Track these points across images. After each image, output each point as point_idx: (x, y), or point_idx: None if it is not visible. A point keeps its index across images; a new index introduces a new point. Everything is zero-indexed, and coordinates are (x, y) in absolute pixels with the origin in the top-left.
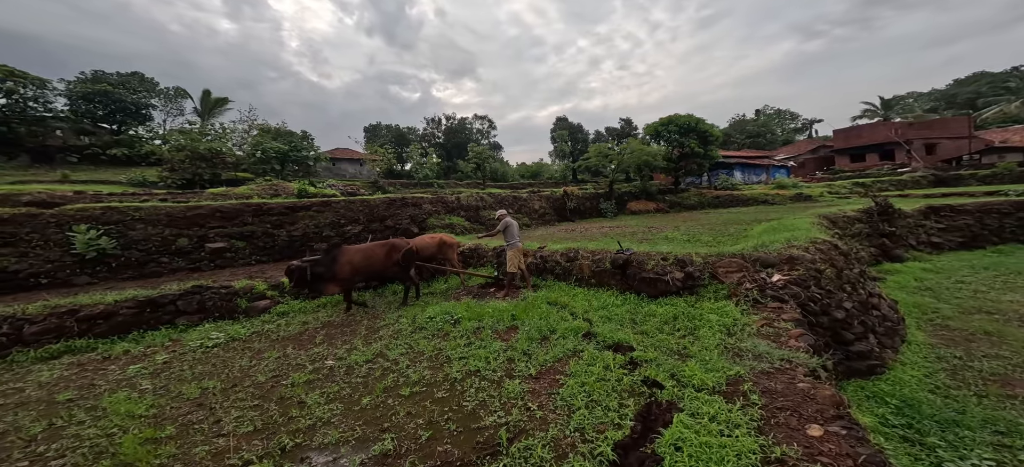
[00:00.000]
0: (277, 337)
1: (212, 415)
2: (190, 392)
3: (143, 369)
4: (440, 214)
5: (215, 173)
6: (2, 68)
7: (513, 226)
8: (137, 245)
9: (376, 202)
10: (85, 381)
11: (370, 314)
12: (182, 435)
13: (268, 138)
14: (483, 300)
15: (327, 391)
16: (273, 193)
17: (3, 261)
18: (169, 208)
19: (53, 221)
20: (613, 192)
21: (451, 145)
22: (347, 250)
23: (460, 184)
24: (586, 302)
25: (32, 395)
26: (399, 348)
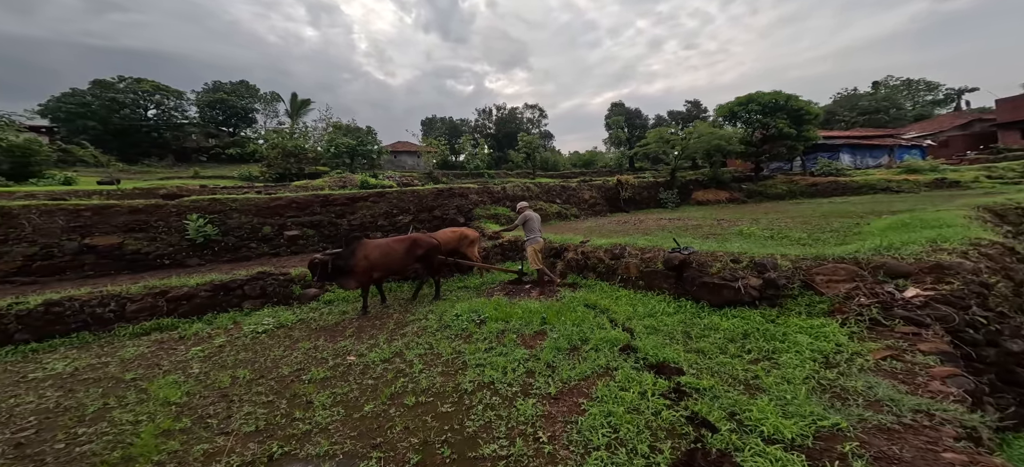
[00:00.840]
0: (315, 327)
1: (228, 409)
2: (222, 381)
3: (200, 352)
4: (486, 204)
5: (300, 167)
6: (152, 84)
7: (533, 220)
8: (233, 232)
9: (425, 193)
10: (154, 360)
11: (403, 308)
12: (193, 429)
13: (340, 134)
14: (514, 298)
15: (337, 392)
16: (341, 185)
17: (137, 244)
18: (257, 200)
19: (174, 211)
20: (675, 180)
21: (502, 135)
22: (366, 244)
23: (510, 174)
24: (630, 307)
25: (110, 371)
26: (419, 348)
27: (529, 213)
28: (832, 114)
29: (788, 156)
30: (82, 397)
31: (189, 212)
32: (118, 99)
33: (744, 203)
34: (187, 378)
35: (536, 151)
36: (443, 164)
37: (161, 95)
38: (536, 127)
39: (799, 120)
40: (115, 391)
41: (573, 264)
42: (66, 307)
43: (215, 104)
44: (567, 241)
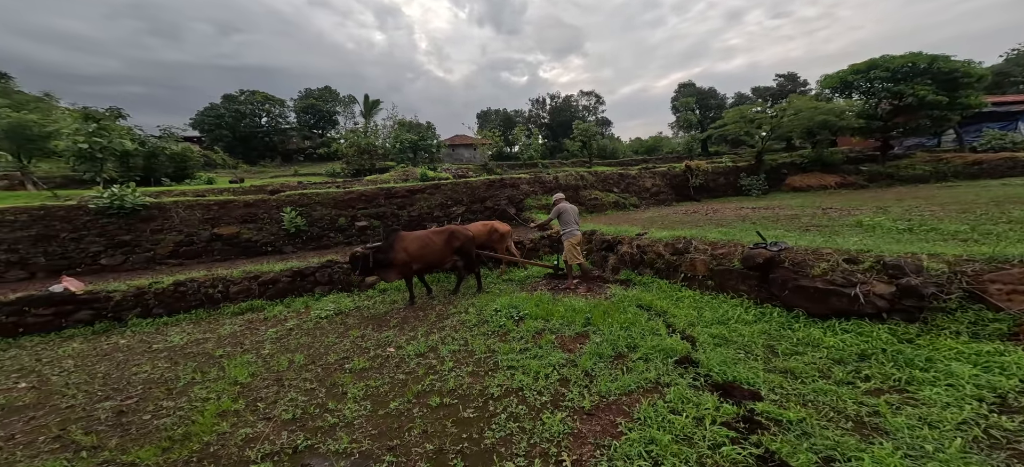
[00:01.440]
0: (366, 314)
1: (277, 394)
2: (282, 364)
3: (273, 334)
4: (537, 194)
5: (372, 163)
6: (263, 94)
7: (568, 212)
8: (317, 223)
9: (477, 184)
10: (240, 339)
11: (446, 300)
12: (244, 412)
13: (404, 131)
14: (558, 294)
15: (370, 385)
16: (404, 178)
17: (249, 233)
18: (334, 194)
19: (274, 205)
20: (762, 164)
21: (556, 124)
22: (404, 237)
23: (565, 163)
24: (693, 311)
25: (206, 347)
26: (453, 343)
27: (564, 205)
28: (1004, 75)
29: (933, 129)
30: (180, 370)
31: (284, 206)
32: (240, 110)
33: (863, 188)
34: (257, 358)
35: (592, 139)
36: (498, 155)
37: (269, 104)
38: (592, 114)
39: (952, 85)
40: (204, 366)
41: (627, 259)
42: (188, 287)
43: (307, 109)
44: (621, 233)
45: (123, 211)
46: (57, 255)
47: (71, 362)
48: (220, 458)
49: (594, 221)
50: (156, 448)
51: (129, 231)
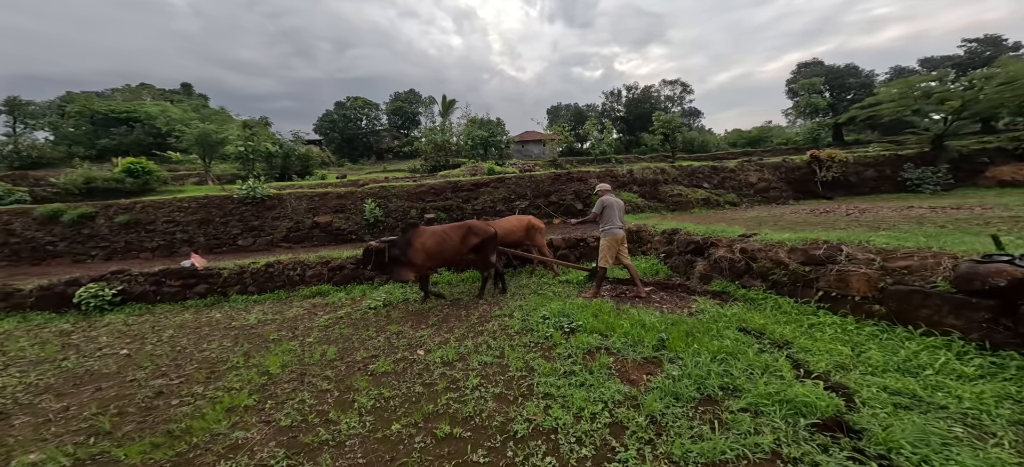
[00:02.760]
0: (411, 309)
1: (292, 392)
2: (314, 357)
3: (325, 321)
4: None
5: (446, 159)
6: (363, 100)
7: (614, 206)
8: (392, 214)
9: (542, 178)
10: (296, 323)
11: (493, 300)
12: (250, 410)
13: (475, 128)
14: (624, 303)
15: (383, 394)
16: (473, 173)
17: (339, 222)
18: (407, 187)
19: (359, 197)
20: (944, 150)
21: (633, 117)
22: (422, 232)
23: (642, 158)
24: (843, 348)
25: (268, 329)
26: (487, 354)
27: (609, 197)
28: None
29: None
30: (234, 352)
31: (366, 197)
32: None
33: None
34: (300, 347)
35: (676, 131)
36: (568, 151)
37: (367, 108)
38: (677, 104)
39: None
40: (255, 350)
41: (725, 266)
42: (275, 269)
43: (396, 111)
44: (715, 233)
45: (255, 200)
46: (212, 235)
47: (170, 332)
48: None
49: (677, 219)
50: (148, 444)
51: (258, 217)
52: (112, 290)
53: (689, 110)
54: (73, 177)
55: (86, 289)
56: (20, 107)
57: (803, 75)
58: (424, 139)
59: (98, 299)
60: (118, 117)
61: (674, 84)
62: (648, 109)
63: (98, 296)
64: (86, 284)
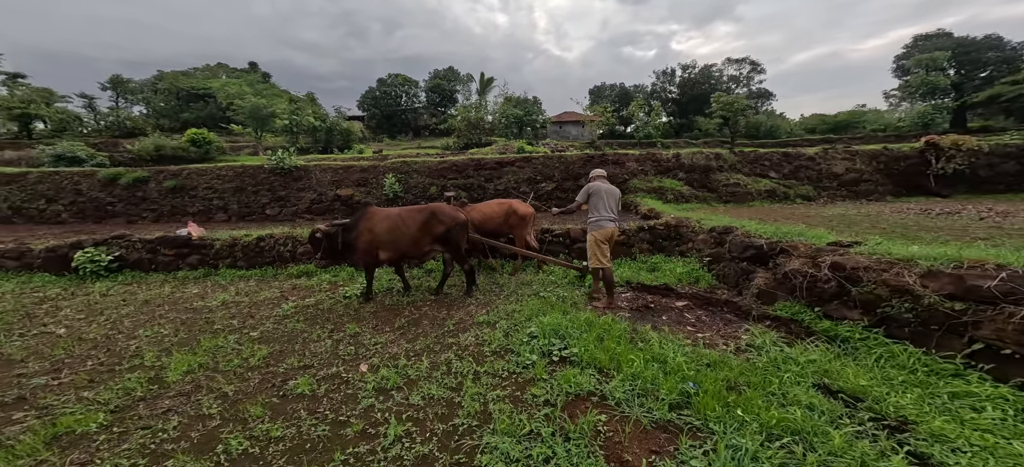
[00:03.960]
0: (387, 304)
1: (155, 417)
2: (232, 361)
3: (289, 309)
4: (648, 174)
5: (479, 137)
6: (403, 77)
7: (602, 194)
8: (412, 189)
9: (572, 159)
10: (256, 308)
11: (486, 300)
12: (87, 440)
13: (510, 106)
14: (644, 322)
15: (266, 436)
16: (503, 151)
17: (360, 195)
18: (428, 163)
19: (382, 170)
20: None
21: (687, 99)
22: (372, 214)
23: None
24: (1021, 445)
25: (219, 315)
26: (443, 383)
27: (599, 184)
28: None
29: None
30: (162, 343)
31: (388, 172)
32: (387, 91)
33: None
34: (234, 341)
35: (739, 113)
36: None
37: (407, 86)
38: (742, 85)
39: None
40: (185, 342)
41: (798, 284)
42: (267, 243)
43: (434, 89)
44: (786, 236)
45: (284, 171)
46: (244, 203)
47: (129, 309)
48: None
49: (732, 214)
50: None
51: (285, 188)
52: (109, 256)
53: (757, 92)
54: (145, 144)
55: (83, 253)
56: (122, 84)
57: (921, 49)
58: (458, 117)
59: (94, 264)
60: (196, 93)
61: (741, 63)
62: (706, 90)
63: (94, 261)
64: (84, 248)
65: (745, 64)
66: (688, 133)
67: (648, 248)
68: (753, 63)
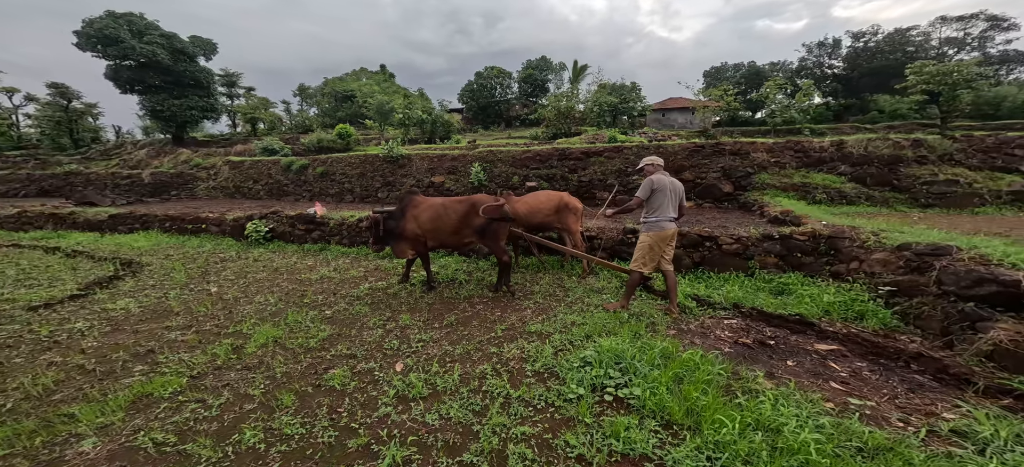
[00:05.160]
0: (445, 297)
1: (215, 390)
2: (298, 339)
3: (363, 291)
4: (786, 167)
5: (568, 127)
6: (497, 69)
7: (668, 191)
8: (495, 178)
9: (674, 149)
10: (341, 286)
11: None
12: (158, 403)
13: (604, 93)
14: (755, 364)
15: (280, 433)
16: (592, 141)
17: (449, 183)
18: (514, 152)
19: (469, 159)
20: None
21: (861, 74)
22: (416, 202)
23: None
24: None
25: (313, 290)
26: (466, 405)
27: (661, 177)
28: None
29: None
30: (265, 310)
31: (474, 161)
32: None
33: None
34: (309, 319)
35: (960, 86)
36: (730, 120)
37: (501, 77)
38: (973, 49)
39: None
40: (280, 313)
41: None
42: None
43: (527, 79)
44: None
45: (392, 159)
46: (364, 187)
47: (262, 274)
48: None
49: (939, 224)
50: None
51: (393, 174)
52: (266, 228)
53: (1000, 56)
54: (311, 139)
55: (251, 224)
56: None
57: None
58: (548, 106)
59: (257, 233)
60: (345, 94)
61: (968, 21)
62: (895, 62)
63: (257, 231)
64: (254, 220)
65: (976, 21)
66: (857, 116)
67: (776, 263)
68: (993, 18)
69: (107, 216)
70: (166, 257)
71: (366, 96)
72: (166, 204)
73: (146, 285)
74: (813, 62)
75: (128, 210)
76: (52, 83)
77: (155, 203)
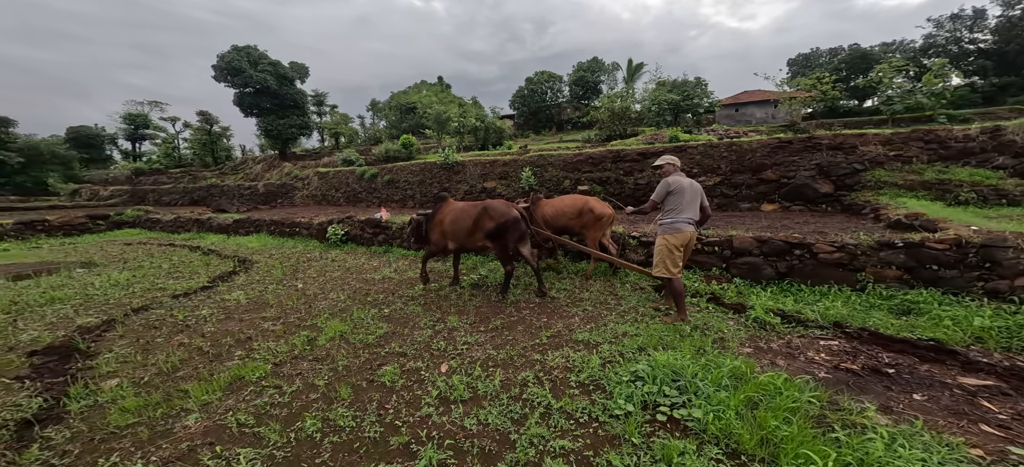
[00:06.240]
0: (486, 298)
1: (291, 377)
2: (358, 335)
3: (419, 290)
4: (912, 162)
5: (623, 128)
6: (548, 73)
7: (686, 192)
8: (546, 183)
9: (751, 146)
10: (399, 287)
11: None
12: (245, 387)
13: (663, 91)
14: (866, 393)
15: (333, 425)
16: (651, 142)
17: (500, 188)
18: (565, 155)
19: (520, 164)
20: None
21: (1019, 49)
22: (446, 206)
23: None
24: None
25: (375, 288)
26: (505, 412)
27: (680, 178)
28: None
29: None
30: (336, 306)
31: (525, 166)
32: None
33: None
34: (371, 317)
35: None
36: (831, 111)
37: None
38: None
39: None
40: (346, 309)
41: None
42: None
43: (578, 82)
44: None
45: (448, 166)
46: (424, 192)
47: (337, 273)
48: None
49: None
50: (210, 384)
51: (449, 180)
52: (342, 230)
53: None
54: (380, 149)
55: (331, 228)
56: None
57: None
58: (601, 108)
59: (335, 235)
60: (408, 106)
61: None
62: None
63: (335, 233)
64: (333, 224)
65: None
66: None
67: (899, 277)
68: None
69: (231, 221)
70: (269, 256)
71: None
72: (272, 210)
73: (253, 280)
74: (946, 38)
75: (246, 215)
76: (201, 111)
77: (265, 209)
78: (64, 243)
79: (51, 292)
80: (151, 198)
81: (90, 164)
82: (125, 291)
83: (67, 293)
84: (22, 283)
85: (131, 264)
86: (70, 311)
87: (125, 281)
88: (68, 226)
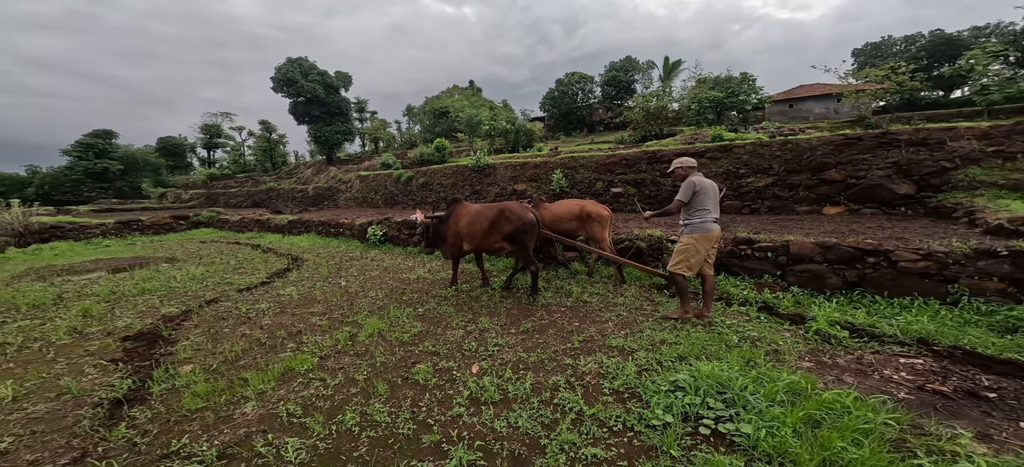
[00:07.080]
0: (516, 300)
1: (333, 371)
2: (395, 332)
3: (451, 291)
4: (1016, 159)
5: (661, 128)
6: (579, 74)
7: (709, 191)
8: (577, 185)
9: (810, 144)
10: (433, 287)
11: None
12: (294, 378)
13: (704, 88)
14: (959, 418)
15: (372, 420)
16: (691, 142)
17: (531, 190)
18: (597, 157)
19: (551, 166)
20: None
21: None
22: (460, 209)
23: None
24: None
25: (411, 288)
26: (535, 416)
27: (700, 178)
28: None
29: None
30: (374, 305)
31: (556, 168)
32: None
33: None
34: (406, 316)
35: None
36: (909, 103)
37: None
38: None
39: None
40: (384, 308)
41: None
42: None
43: (610, 82)
44: None
45: (480, 168)
46: (462, 193)
47: (376, 272)
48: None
49: None
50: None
51: (480, 183)
52: (381, 231)
53: None
54: (414, 154)
55: (371, 229)
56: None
57: None
58: (635, 108)
59: (374, 236)
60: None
61: None
62: None
63: (375, 234)
64: (372, 225)
65: None
66: None
67: (1002, 289)
68: None
69: (286, 222)
70: (317, 255)
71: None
72: (321, 212)
73: (303, 277)
74: None
75: (298, 216)
76: (262, 121)
77: (313, 211)
78: (152, 240)
79: (143, 284)
80: (222, 201)
81: (175, 170)
82: (200, 284)
83: (154, 285)
84: (119, 275)
85: (205, 260)
86: (156, 301)
87: (200, 275)
88: (157, 225)
